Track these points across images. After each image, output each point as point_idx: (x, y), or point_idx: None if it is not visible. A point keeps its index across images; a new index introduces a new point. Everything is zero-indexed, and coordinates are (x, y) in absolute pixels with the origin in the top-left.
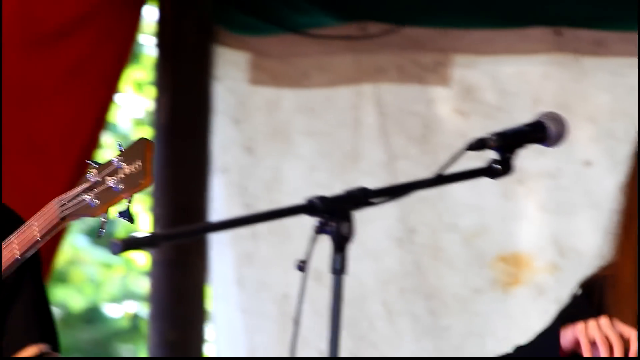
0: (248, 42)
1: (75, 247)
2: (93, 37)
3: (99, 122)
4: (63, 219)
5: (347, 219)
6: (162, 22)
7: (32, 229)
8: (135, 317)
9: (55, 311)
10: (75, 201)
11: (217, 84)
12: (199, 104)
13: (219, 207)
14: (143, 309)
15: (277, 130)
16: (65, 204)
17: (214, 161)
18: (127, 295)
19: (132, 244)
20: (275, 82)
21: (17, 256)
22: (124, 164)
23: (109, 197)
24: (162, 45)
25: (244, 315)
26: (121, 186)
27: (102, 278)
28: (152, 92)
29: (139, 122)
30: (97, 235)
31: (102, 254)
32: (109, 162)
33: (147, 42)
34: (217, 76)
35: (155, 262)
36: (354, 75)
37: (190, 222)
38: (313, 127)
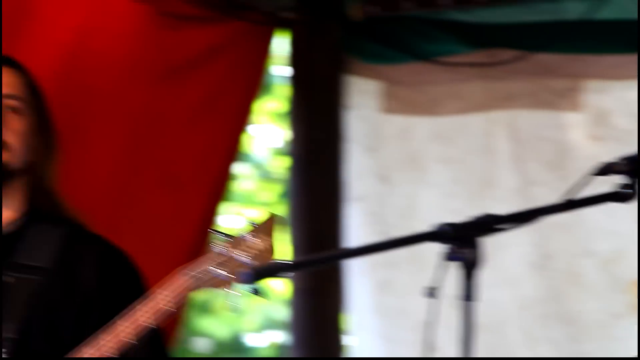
0: (380, 71)
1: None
2: (223, 69)
3: (231, 153)
4: (192, 289)
5: (475, 245)
6: (295, 53)
7: (161, 299)
8: (280, 347)
9: (203, 342)
10: (205, 273)
11: (350, 113)
12: (333, 133)
13: (354, 236)
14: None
15: (411, 158)
16: (194, 275)
17: (350, 190)
18: (270, 324)
19: (262, 273)
20: (408, 110)
21: (149, 324)
22: (253, 239)
23: (236, 269)
24: (295, 75)
25: (384, 343)
26: (248, 260)
27: (245, 307)
28: (287, 122)
29: (276, 152)
30: (229, 308)
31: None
32: (239, 237)
33: (280, 72)
34: (350, 105)
35: (296, 291)
36: (485, 102)
37: (325, 250)
38: (446, 154)
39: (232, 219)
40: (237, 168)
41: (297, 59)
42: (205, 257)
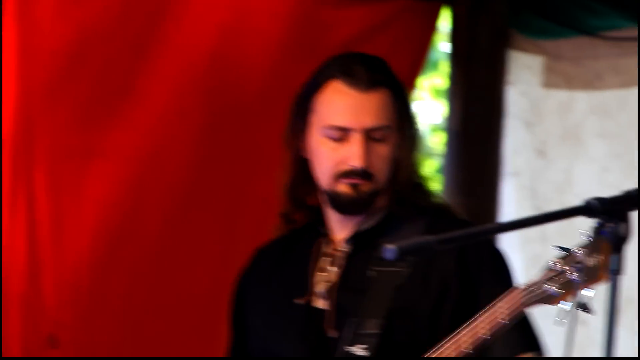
0: (541, 46)
1: None
2: (387, 46)
3: None
4: (527, 305)
5: (625, 219)
6: (456, 29)
7: (499, 312)
8: None
9: None
10: (539, 289)
11: (510, 88)
12: (492, 108)
13: (509, 211)
14: None
15: (569, 133)
16: (531, 290)
17: (505, 165)
18: None
19: (409, 249)
20: (568, 85)
21: (487, 337)
22: (586, 256)
23: (570, 288)
24: (455, 51)
25: (533, 318)
26: (581, 278)
27: None
28: (445, 97)
29: (435, 128)
30: (557, 322)
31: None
32: (574, 254)
33: (446, 49)
34: (510, 80)
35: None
36: None
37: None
38: (605, 128)
39: None
40: None
41: (458, 34)
42: (541, 272)
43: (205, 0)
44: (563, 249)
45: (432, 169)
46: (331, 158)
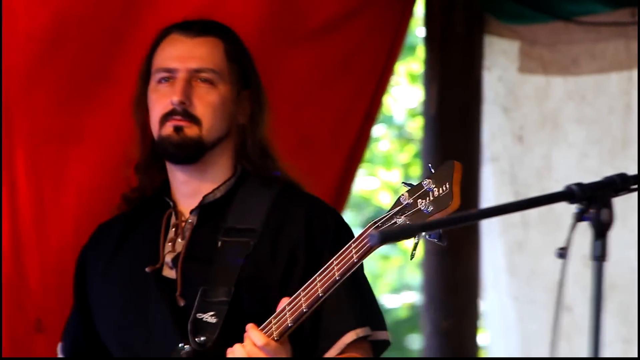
0: (517, 31)
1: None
2: (362, 30)
3: (369, 115)
4: (379, 242)
5: (607, 205)
6: (431, 14)
7: (350, 252)
8: (412, 307)
9: None
10: (389, 223)
11: (486, 74)
12: (469, 94)
13: (488, 197)
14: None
15: (547, 118)
16: (379, 225)
17: (485, 150)
18: (404, 286)
19: (390, 235)
20: (545, 70)
21: (336, 277)
22: (433, 186)
23: (419, 219)
24: (430, 36)
25: (515, 303)
26: (430, 208)
27: (380, 271)
28: (421, 82)
29: (413, 113)
30: (410, 257)
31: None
32: (420, 185)
33: (422, 34)
34: (487, 66)
35: (428, 252)
36: (625, 61)
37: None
38: (583, 114)
39: (369, 180)
40: (375, 130)
41: (433, 19)
42: (392, 208)
43: None
44: (408, 184)
45: (411, 154)
46: (159, 102)
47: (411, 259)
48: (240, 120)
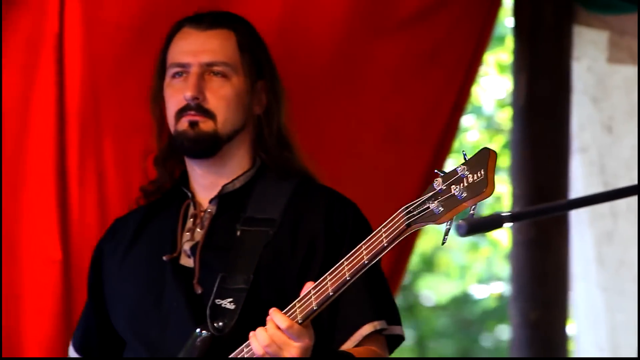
0: (607, 21)
1: (442, 233)
2: (451, 21)
3: (457, 106)
4: (408, 226)
5: None
6: (520, 4)
7: (381, 236)
8: (501, 297)
9: (425, 298)
10: (420, 209)
11: (575, 64)
12: (558, 84)
13: (577, 187)
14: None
15: (636, 108)
16: (411, 211)
17: (573, 141)
18: (493, 276)
19: (478, 225)
20: (634, 60)
21: (365, 261)
22: (467, 172)
23: (453, 205)
24: (519, 26)
25: (604, 294)
26: (464, 195)
27: (468, 262)
28: (510, 73)
29: (501, 104)
30: (442, 243)
31: (467, 239)
32: (454, 171)
33: (511, 24)
34: (576, 56)
35: (515, 243)
36: None
37: (547, 202)
38: None
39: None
40: (464, 120)
41: (522, 8)
42: (425, 193)
43: None
44: (441, 171)
45: (500, 144)
46: (173, 96)
47: (443, 244)
48: (256, 112)
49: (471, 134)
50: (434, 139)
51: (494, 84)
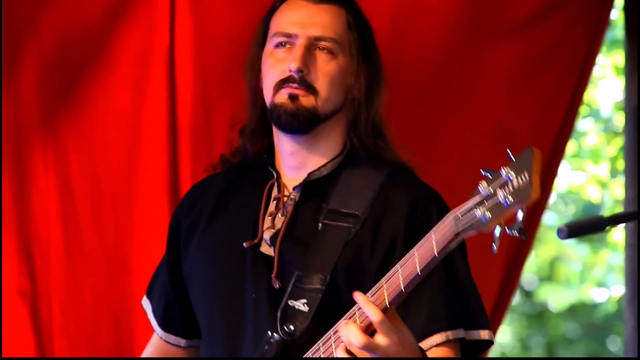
0: None
1: (561, 244)
2: (563, 23)
3: (571, 109)
4: (457, 234)
5: None
6: (631, 5)
7: (431, 244)
8: (621, 301)
9: (551, 306)
10: (468, 215)
11: None
12: None
13: None
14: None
15: None
16: (459, 218)
17: None
18: (614, 279)
19: (578, 229)
20: None
21: (418, 272)
22: (512, 175)
23: (499, 211)
24: (630, 28)
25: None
26: (510, 200)
27: (588, 266)
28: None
29: (619, 107)
30: (493, 250)
31: (586, 249)
32: (498, 174)
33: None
34: None
35: (629, 245)
36: None
37: None
38: None
39: (577, 175)
40: (581, 123)
41: (632, 10)
42: (471, 197)
43: None
44: (490, 172)
45: (617, 147)
46: (275, 67)
47: (494, 251)
48: (355, 95)
49: (589, 138)
50: (547, 143)
51: (611, 86)
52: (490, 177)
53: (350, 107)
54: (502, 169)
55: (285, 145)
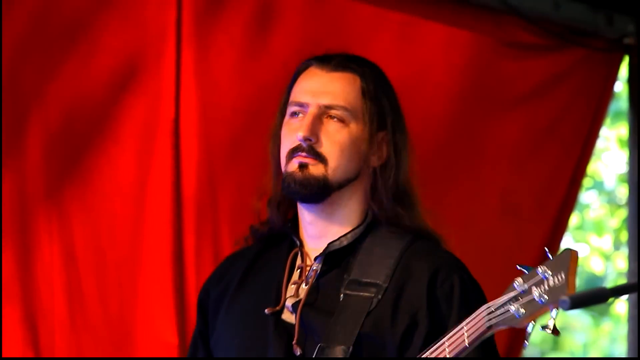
0: None
1: (565, 314)
2: (567, 95)
3: (575, 181)
4: (489, 327)
5: None
6: (634, 78)
7: (462, 334)
8: None
9: None
10: (502, 310)
11: None
12: None
13: None
14: None
15: None
16: (493, 311)
17: None
18: (617, 352)
19: (581, 300)
20: None
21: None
22: (548, 274)
23: (534, 309)
24: (634, 100)
25: None
26: (545, 298)
27: (592, 339)
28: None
29: (622, 179)
30: (523, 346)
31: (591, 320)
32: (534, 272)
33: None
34: None
35: (631, 317)
36: None
37: None
38: None
39: (580, 247)
40: (584, 196)
41: (634, 83)
42: (505, 293)
43: (383, 57)
44: (526, 267)
45: (621, 219)
46: (288, 136)
47: (524, 347)
48: (373, 163)
49: (593, 210)
50: (551, 215)
51: (615, 158)
52: (527, 272)
53: (369, 175)
54: (539, 267)
55: (304, 215)
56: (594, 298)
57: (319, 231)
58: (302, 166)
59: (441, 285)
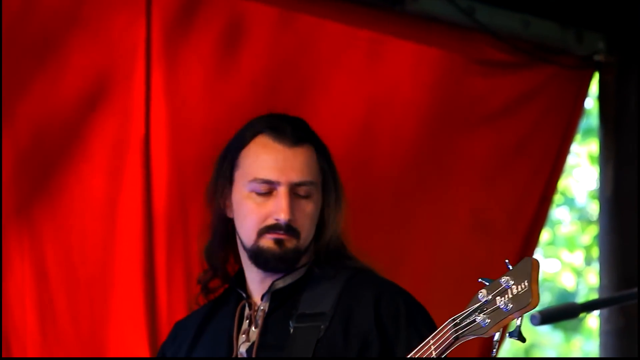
0: None
1: (536, 331)
2: (537, 113)
3: (545, 197)
4: (456, 339)
5: None
6: (605, 95)
7: (429, 348)
8: None
9: None
10: (467, 320)
11: None
12: None
13: None
14: None
15: None
16: (458, 323)
17: None
18: None
19: (551, 315)
20: None
21: None
22: (512, 283)
23: (499, 317)
24: (604, 117)
25: None
26: (510, 306)
27: (563, 352)
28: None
29: (594, 195)
30: (492, 356)
31: (562, 335)
32: (497, 282)
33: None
34: None
35: (603, 332)
36: None
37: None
38: None
39: (551, 263)
40: (556, 212)
41: (606, 100)
42: (470, 305)
43: (353, 74)
44: (487, 280)
45: (593, 235)
46: (257, 212)
47: (493, 357)
48: (322, 219)
49: (564, 226)
50: (522, 231)
51: (586, 175)
52: (488, 284)
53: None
54: (502, 278)
55: (255, 274)
56: (565, 313)
57: (263, 278)
58: (279, 242)
59: (386, 308)
